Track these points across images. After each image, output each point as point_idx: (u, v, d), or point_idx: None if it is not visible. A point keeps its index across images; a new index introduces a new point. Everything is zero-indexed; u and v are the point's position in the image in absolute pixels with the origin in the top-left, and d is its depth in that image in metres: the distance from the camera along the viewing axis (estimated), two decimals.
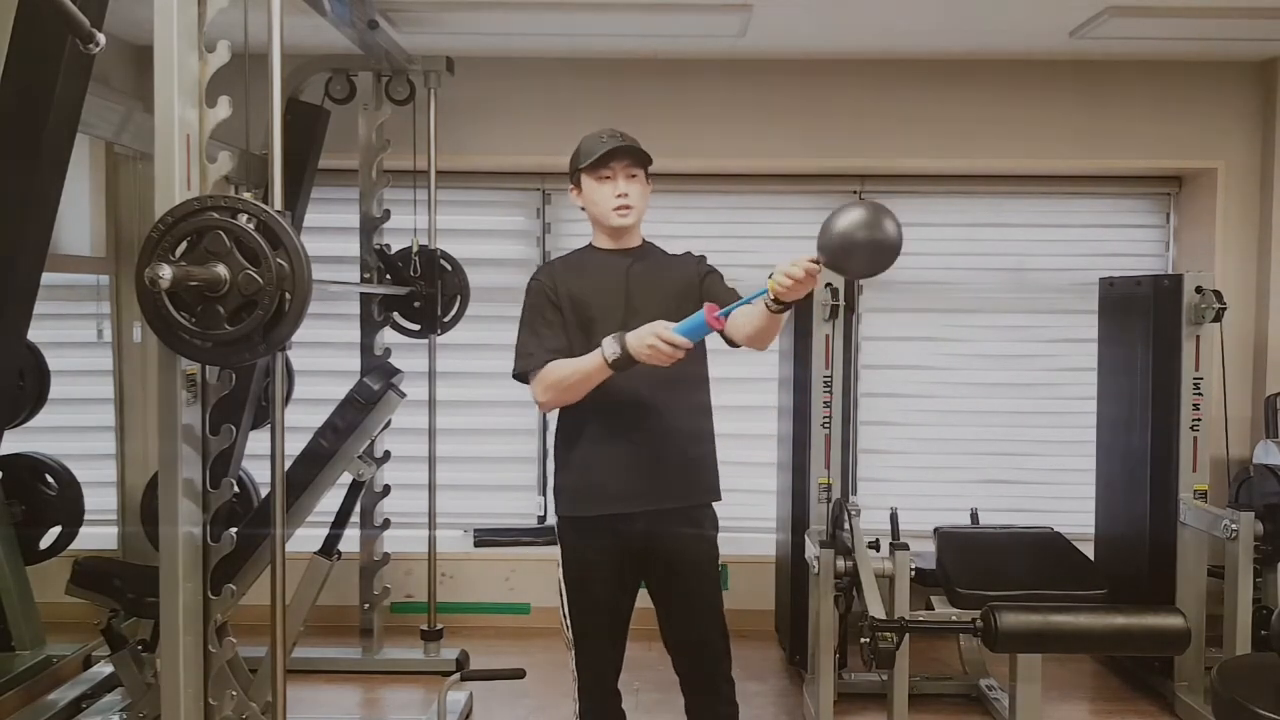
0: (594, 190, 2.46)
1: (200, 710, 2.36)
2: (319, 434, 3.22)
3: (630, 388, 2.36)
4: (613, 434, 2.41)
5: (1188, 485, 3.70)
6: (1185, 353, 3.69)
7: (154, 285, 2.03)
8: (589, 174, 2.45)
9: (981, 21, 3.96)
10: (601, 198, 2.45)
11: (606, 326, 2.35)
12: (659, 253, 2.59)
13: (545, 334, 2.42)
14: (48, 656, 3.66)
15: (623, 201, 2.44)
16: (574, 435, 2.47)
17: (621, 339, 2.22)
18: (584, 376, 2.32)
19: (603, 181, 2.45)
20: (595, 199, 2.46)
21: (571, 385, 2.35)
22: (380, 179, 4.12)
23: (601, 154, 2.41)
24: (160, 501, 2.29)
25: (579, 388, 2.35)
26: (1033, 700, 3.12)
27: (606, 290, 2.45)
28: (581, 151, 2.48)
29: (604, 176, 2.44)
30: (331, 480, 3.23)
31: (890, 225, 2.13)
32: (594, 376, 2.31)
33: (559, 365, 2.37)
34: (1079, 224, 4.82)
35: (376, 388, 3.28)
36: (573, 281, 2.47)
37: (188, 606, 2.30)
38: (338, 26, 3.49)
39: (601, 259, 2.52)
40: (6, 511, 3.61)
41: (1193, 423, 3.70)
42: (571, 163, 2.51)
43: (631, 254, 2.52)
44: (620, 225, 2.47)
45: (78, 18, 1.82)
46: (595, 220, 2.51)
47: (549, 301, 2.45)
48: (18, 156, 2.16)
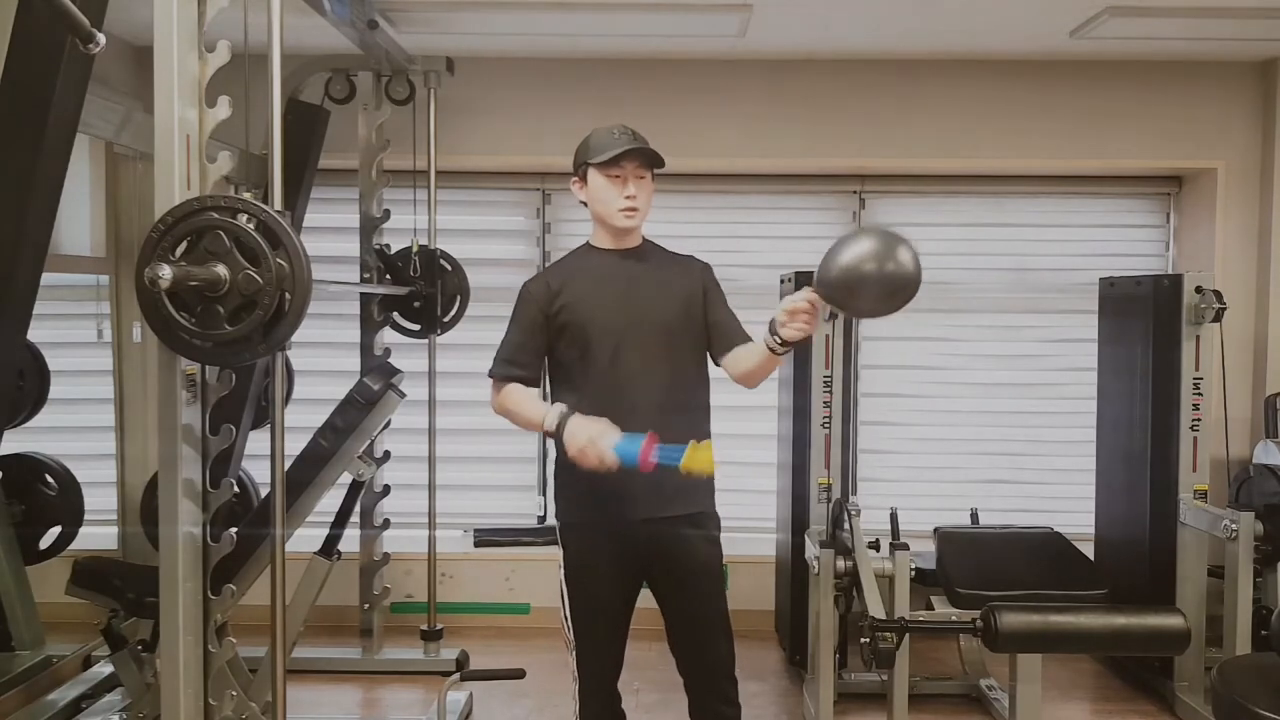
0: (602, 188, 2.40)
1: (200, 710, 2.36)
2: (319, 434, 3.21)
3: (633, 395, 2.35)
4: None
5: (1188, 485, 3.70)
6: (1185, 353, 3.69)
7: (154, 285, 2.03)
8: (598, 170, 2.39)
9: (981, 21, 3.96)
10: (609, 197, 2.39)
11: (606, 332, 2.36)
12: (661, 252, 2.54)
13: (517, 346, 2.42)
14: (48, 656, 3.65)
15: (631, 204, 2.39)
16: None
17: (565, 420, 2.22)
18: (526, 423, 2.39)
19: (612, 180, 2.39)
20: (602, 197, 2.40)
21: (517, 421, 2.42)
22: (380, 179, 4.12)
23: (616, 154, 2.35)
24: (160, 501, 2.29)
25: (522, 426, 2.43)
26: (1033, 700, 3.12)
27: (607, 294, 2.41)
28: (591, 145, 2.41)
29: (613, 175, 2.38)
30: (331, 480, 3.23)
31: (905, 255, 1.96)
32: (534, 427, 2.37)
33: (515, 396, 2.40)
34: (1079, 224, 4.82)
35: (376, 388, 3.27)
36: (570, 287, 2.42)
37: (188, 606, 2.31)
38: (338, 26, 3.49)
39: (600, 260, 2.47)
40: (6, 511, 3.61)
41: (1193, 423, 3.70)
42: (578, 154, 2.44)
43: (632, 254, 2.48)
44: (626, 227, 2.43)
45: (78, 18, 1.82)
46: (599, 218, 2.45)
47: (534, 314, 2.42)
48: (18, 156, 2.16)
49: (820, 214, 4.87)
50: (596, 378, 2.39)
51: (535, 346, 2.43)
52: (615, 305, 2.40)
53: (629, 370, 2.38)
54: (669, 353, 2.43)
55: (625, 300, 2.41)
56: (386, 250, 4.10)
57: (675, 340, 2.44)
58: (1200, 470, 3.70)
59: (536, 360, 2.43)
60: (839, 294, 2.02)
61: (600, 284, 2.43)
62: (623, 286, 2.43)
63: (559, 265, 2.57)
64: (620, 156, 2.36)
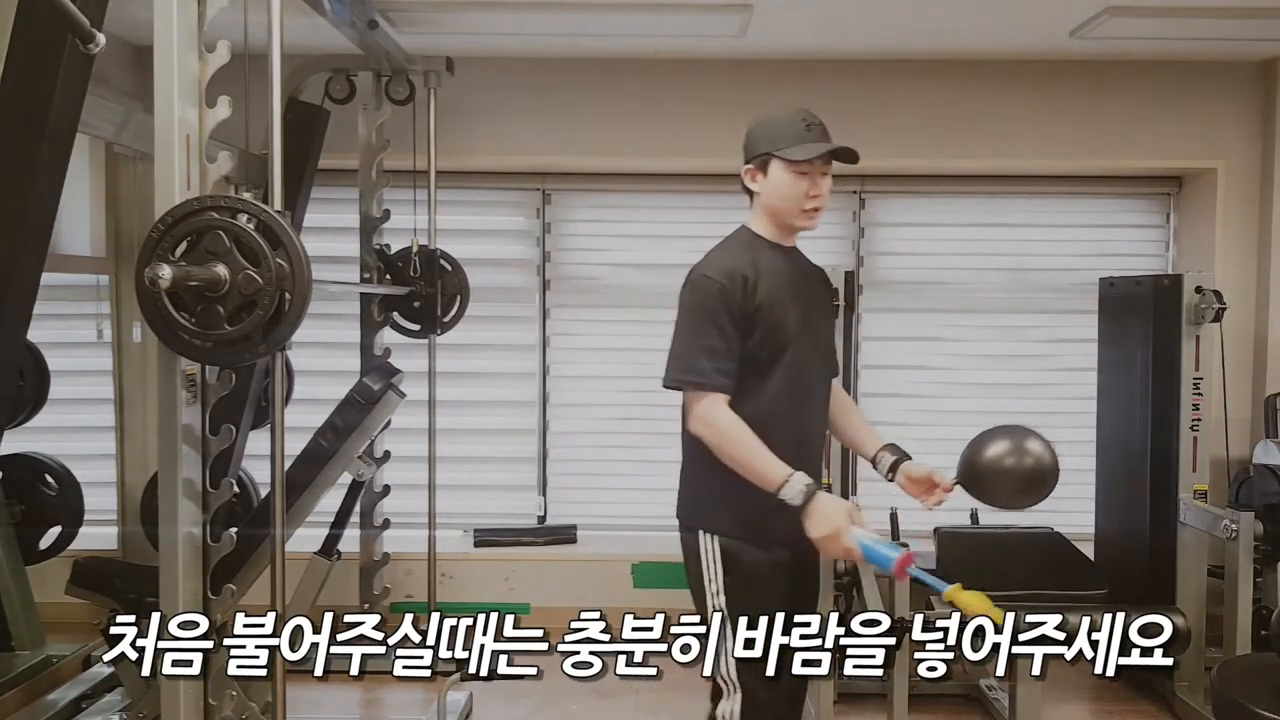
0: (787, 184, 2.15)
1: (200, 710, 2.37)
2: (319, 434, 3.22)
3: (806, 421, 2.22)
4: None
5: (1188, 485, 3.69)
6: (1185, 353, 3.69)
7: (154, 285, 2.03)
8: (785, 163, 2.15)
9: (982, 21, 3.95)
10: (795, 193, 2.16)
11: (790, 341, 2.15)
12: (801, 256, 2.33)
13: (718, 349, 2.09)
14: (48, 656, 3.65)
15: (816, 203, 2.18)
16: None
17: (813, 496, 2.00)
18: (750, 471, 2.06)
19: (799, 176, 2.15)
20: (786, 193, 2.16)
21: (737, 464, 2.07)
22: (380, 179, 4.12)
23: (817, 154, 2.14)
24: (160, 501, 2.29)
25: (742, 470, 2.07)
26: (1033, 700, 3.12)
27: (787, 295, 2.18)
28: (778, 132, 2.16)
29: (801, 171, 2.15)
30: (331, 480, 3.23)
31: (1039, 448, 2.09)
32: (760, 481, 2.05)
33: (743, 436, 2.06)
34: (1079, 224, 4.82)
35: (376, 388, 3.28)
36: (763, 282, 2.14)
37: (188, 606, 2.31)
38: (338, 27, 3.49)
39: (773, 256, 2.21)
40: (6, 511, 3.61)
41: (1193, 423, 3.69)
42: (757, 140, 2.19)
43: (794, 253, 2.28)
44: (807, 227, 2.22)
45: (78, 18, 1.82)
46: (774, 213, 2.21)
47: (734, 310, 2.09)
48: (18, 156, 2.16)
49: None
50: (775, 397, 2.15)
51: (737, 351, 2.11)
52: (796, 311, 2.18)
53: (804, 388, 2.21)
54: (826, 371, 2.30)
55: (800, 306, 2.20)
56: (386, 250, 4.10)
57: (829, 357, 2.32)
58: (1200, 470, 3.70)
59: (736, 353, 2.11)
60: (979, 491, 2.16)
61: (782, 284, 2.18)
62: (797, 289, 2.22)
63: (734, 253, 2.21)
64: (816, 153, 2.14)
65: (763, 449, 2.05)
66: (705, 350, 2.09)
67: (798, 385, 2.18)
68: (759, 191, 2.21)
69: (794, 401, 2.18)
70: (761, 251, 2.21)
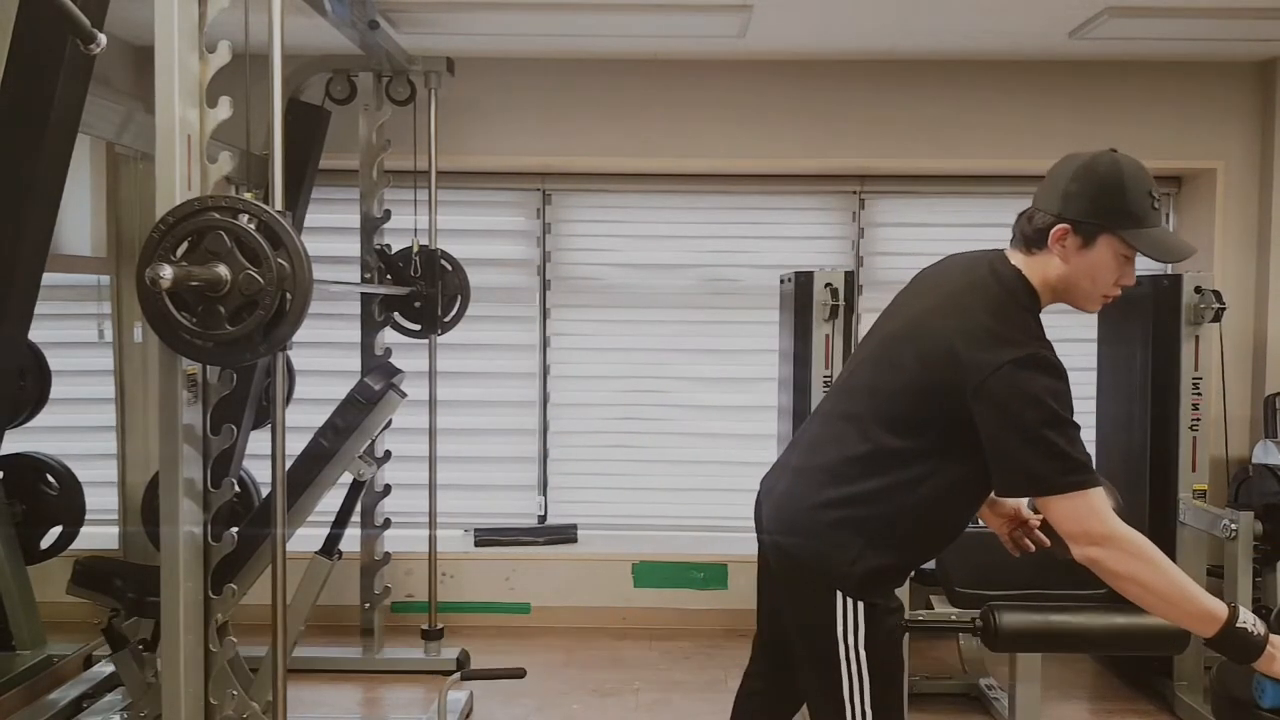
0: (1109, 267, 1.90)
1: (201, 710, 2.37)
2: (319, 434, 3.22)
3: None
4: (949, 536, 2.14)
5: (1187, 485, 3.70)
6: (1185, 353, 3.69)
7: (155, 285, 2.03)
8: (1119, 243, 1.89)
9: (981, 22, 3.96)
10: (1109, 276, 1.92)
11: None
12: None
13: (1080, 443, 1.85)
14: (48, 656, 3.66)
15: (1119, 294, 1.95)
16: (937, 521, 2.07)
17: (1263, 637, 1.81)
18: (1179, 603, 1.89)
19: (1124, 262, 1.91)
20: (1104, 277, 1.91)
21: (1161, 595, 1.90)
22: (380, 179, 4.12)
23: (1180, 258, 1.93)
24: (161, 501, 2.29)
25: (1163, 604, 1.90)
26: (1033, 700, 3.12)
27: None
28: (1125, 205, 1.89)
29: (1127, 256, 1.91)
30: (332, 480, 3.23)
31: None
32: (1186, 617, 1.89)
33: (1168, 565, 1.89)
34: None
35: (377, 388, 3.28)
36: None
37: (189, 606, 2.31)
38: (338, 27, 3.49)
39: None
40: (7, 511, 3.61)
41: (1192, 422, 3.70)
42: (1094, 204, 1.92)
43: None
44: (1093, 312, 2.02)
45: (78, 18, 1.83)
46: (1070, 288, 1.94)
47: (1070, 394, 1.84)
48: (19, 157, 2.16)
49: (820, 214, 4.87)
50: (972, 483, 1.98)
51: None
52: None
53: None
54: None
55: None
56: (387, 250, 4.11)
57: None
58: (1200, 470, 3.70)
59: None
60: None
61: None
62: None
63: (1038, 326, 1.93)
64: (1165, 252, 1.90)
65: (1191, 583, 1.86)
66: (1074, 440, 1.85)
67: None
68: (1066, 262, 1.92)
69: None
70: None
